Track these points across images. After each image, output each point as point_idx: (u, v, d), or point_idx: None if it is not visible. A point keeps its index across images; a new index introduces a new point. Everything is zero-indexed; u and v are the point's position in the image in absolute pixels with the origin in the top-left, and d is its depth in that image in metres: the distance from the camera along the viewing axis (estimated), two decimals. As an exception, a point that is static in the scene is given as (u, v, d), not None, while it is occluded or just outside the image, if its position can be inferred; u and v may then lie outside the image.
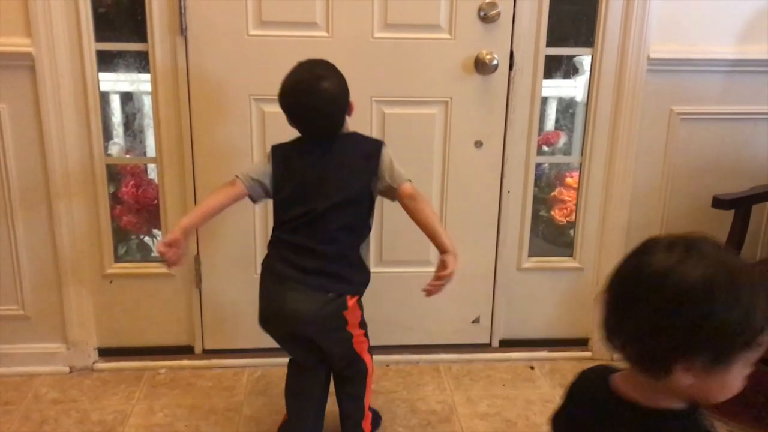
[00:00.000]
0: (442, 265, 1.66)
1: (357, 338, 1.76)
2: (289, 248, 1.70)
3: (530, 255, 2.34)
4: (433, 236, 1.69)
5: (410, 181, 1.72)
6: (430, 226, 1.68)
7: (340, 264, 1.70)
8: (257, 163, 1.77)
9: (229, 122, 2.11)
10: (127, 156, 2.51)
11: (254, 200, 1.74)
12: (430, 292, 1.68)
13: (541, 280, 2.36)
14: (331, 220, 1.67)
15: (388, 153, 1.72)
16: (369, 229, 1.77)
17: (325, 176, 1.68)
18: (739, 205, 2.07)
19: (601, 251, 2.32)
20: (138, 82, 2.37)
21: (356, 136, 1.77)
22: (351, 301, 1.71)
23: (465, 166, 2.20)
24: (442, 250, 1.68)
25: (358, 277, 1.75)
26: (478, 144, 2.18)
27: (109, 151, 2.36)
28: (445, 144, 2.17)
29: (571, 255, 2.38)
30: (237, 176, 1.70)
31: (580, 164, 2.28)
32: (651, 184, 2.26)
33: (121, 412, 2.06)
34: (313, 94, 1.64)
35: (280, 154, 1.73)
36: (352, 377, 1.82)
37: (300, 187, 1.69)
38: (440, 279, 1.66)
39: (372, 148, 1.72)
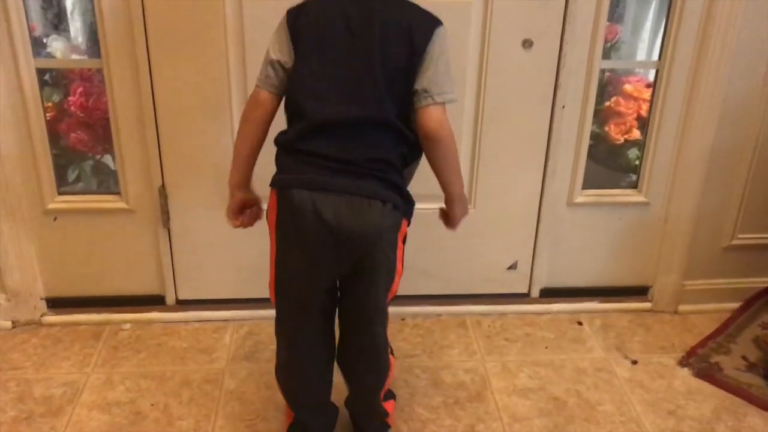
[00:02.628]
0: (446, 217, 1.36)
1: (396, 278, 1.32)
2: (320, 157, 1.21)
3: (584, 186, 1.86)
4: (443, 185, 1.30)
5: (445, 103, 1.21)
6: (445, 175, 1.28)
7: (386, 172, 1.23)
8: (270, 47, 1.24)
9: (194, 8, 1.57)
10: (63, 58, 1.95)
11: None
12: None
13: (596, 218, 1.90)
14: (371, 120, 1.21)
15: (445, 42, 1.21)
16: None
17: (356, 50, 1.19)
18: None
19: (673, 182, 1.85)
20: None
21: (409, 4, 1.24)
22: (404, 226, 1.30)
23: (508, 74, 1.69)
24: (451, 197, 1.32)
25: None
26: (527, 43, 1.66)
27: (48, 49, 1.84)
28: (484, 44, 1.66)
29: (633, 185, 1.90)
30: (258, 85, 1.26)
31: (657, 70, 1.76)
32: (747, 99, 1.76)
33: (71, 384, 1.64)
34: None
35: (299, 16, 1.22)
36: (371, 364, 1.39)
37: (325, 56, 1.21)
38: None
39: (426, 24, 1.21)
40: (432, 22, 1.21)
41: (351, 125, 1.20)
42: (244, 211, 1.36)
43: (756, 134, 1.80)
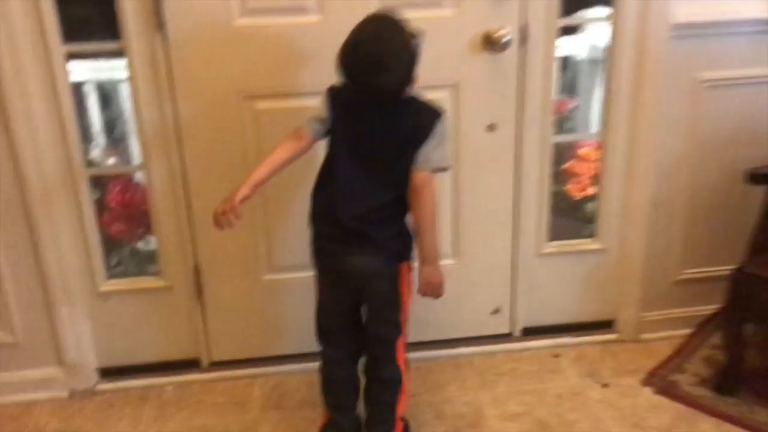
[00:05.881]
0: (422, 280, 1.69)
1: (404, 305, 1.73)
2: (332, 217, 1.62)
3: (551, 239, 2.21)
4: (417, 236, 1.65)
5: (441, 169, 1.63)
6: (418, 228, 1.64)
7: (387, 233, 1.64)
8: (316, 107, 1.63)
9: (219, 122, 1.92)
10: (111, 161, 2.32)
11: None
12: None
13: (563, 265, 2.23)
14: (380, 188, 1.60)
15: (442, 128, 1.61)
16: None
17: (379, 141, 1.59)
18: (775, 179, 1.93)
19: (624, 229, 2.19)
20: (116, 82, 2.17)
21: (415, 102, 1.62)
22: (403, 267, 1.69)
23: (477, 152, 2.04)
24: (421, 258, 1.66)
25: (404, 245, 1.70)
26: (491, 128, 2.02)
27: (90, 155, 2.19)
28: (456, 130, 2.00)
29: (590, 234, 2.25)
30: (301, 127, 1.62)
31: (600, 139, 2.12)
32: (676, 156, 2.11)
33: (129, 440, 1.94)
34: (380, 42, 1.51)
35: (338, 101, 1.61)
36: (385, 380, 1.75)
37: (352, 140, 1.60)
38: (423, 294, 1.70)
39: (427, 119, 1.60)
40: (433, 115, 1.60)
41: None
42: (242, 203, 1.59)
43: (688, 184, 2.15)
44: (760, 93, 2.07)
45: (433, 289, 1.69)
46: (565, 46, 2.61)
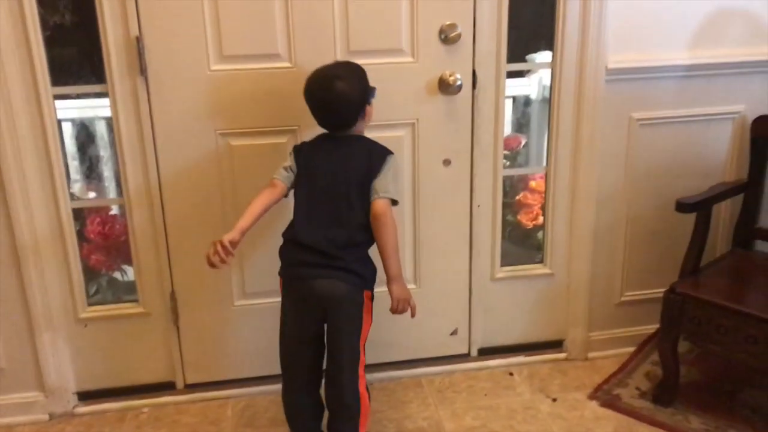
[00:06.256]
0: (394, 299, 1.86)
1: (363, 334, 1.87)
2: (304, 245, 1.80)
3: (502, 264, 2.39)
4: (383, 259, 1.83)
5: (392, 202, 1.80)
6: (384, 252, 1.82)
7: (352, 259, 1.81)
8: (285, 161, 1.88)
9: (196, 158, 2.08)
10: (91, 195, 2.45)
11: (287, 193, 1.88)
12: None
13: (515, 288, 2.41)
14: (343, 214, 1.80)
15: (392, 163, 1.84)
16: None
17: (334, 172, 1.81)
18: (701, 207, 2.15)
19: (570, 256, 2.38)
20: (99, 120, 2.32)
21: (366, 139, 1.88)
22: (366, 295, 1.86)
23: (435, 185, 2.23)
24: (389, 276, 1.84)
25: (368, 272, 1.87)
26: (447, 162, 2.21)
27: (71, 190, 2.31)
28: (414, 164, 2.19)
29: (540, 260, 2.44)
30: (275, 177, 1.84)
31: (546, 173, 2.33)
32: (614, 188, 2.33)
33: (108, 458, 2.04)
34: (327, 90, 1.78)
35: (302, 152, 1.85)
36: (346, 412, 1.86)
37: (314, 181, 1.82)
38: (396, 310, 1.86)
39: (379, 152, 1.84)
40: (384, 152, 1.84)
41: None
42: (233, 248, 1.76)
43: (625, 214, 2.36)
44: (688, 130, 2.31)
45: (404, 305, 1.86)
46: (519, 87, 2.85)
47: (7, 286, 2.08)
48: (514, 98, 2.90)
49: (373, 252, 1.86)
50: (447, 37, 2.07)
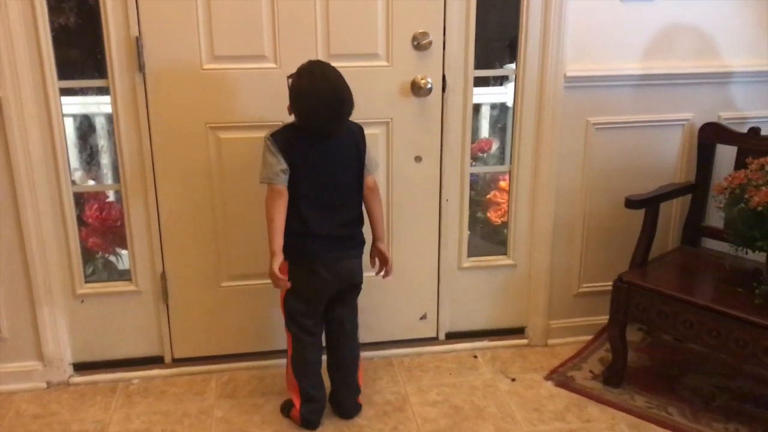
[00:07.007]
0: (382, 257, 2.17)
1: None
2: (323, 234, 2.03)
3: (469, 255, 2.59)
4: (376, 224, 2.14)
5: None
6: (379, 218, 2.15)
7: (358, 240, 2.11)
8: (272, 163, 1.96)
9: (188, 149, 2.28)
10: (91, 182, 2.65)
11: None
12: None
13: (480, 277, 2.61)
14: (347, 197, 2.05)
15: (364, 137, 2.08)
16: None
17: (335, 160, 2.01)
18: (648, 205, 2.35)
19: (531, 248, 2.58)
20: (99, 114, 2.51)
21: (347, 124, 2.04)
22: None
23: (407, 179, 2.43)
24: (379, 237, 2.16)
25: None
26: (418, 159, 2.41)
27: (72, 177, 2.50)
28: (388, 160, 2.39)
29: (505, 253, 2.63)
30: (273, 183, 1.96)
31: (509, 171, 2.53)
32: (572, 187, 2.53)
33: (100, 421, 2.22)
34: (344, 101, 1.94)
35: (291, 150, 1.97)
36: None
37: (316, 172, 1.99)
38: (386, 271, 2.18)
39: (358, 134, 2.05)
40: (360, 127, 2.08)
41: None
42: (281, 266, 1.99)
43: (582, 212, 2.56)
44: (640, 134, 2.51)
45: (389, 261, 2.18)
46: (497, 95, 3.06)
47: (11, 263, 2.27)
48: (492, 105, 3.12)
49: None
50: (419, 44, 2.27)
